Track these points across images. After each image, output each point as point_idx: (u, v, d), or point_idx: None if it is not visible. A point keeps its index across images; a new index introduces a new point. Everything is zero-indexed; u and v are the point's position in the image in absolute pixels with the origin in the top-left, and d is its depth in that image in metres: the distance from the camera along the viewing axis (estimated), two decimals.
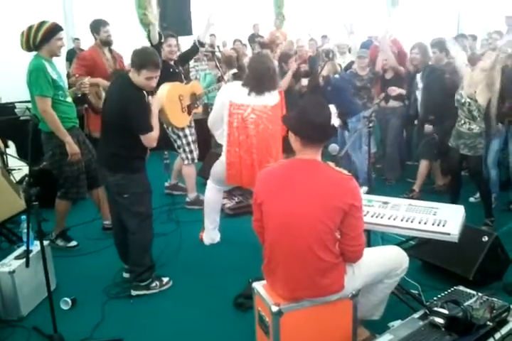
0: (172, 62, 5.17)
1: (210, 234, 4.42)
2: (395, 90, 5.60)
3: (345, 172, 2.48)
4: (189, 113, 5.16)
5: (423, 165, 5.42)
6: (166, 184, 5.76)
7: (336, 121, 2.34)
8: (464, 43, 6.07)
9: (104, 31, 5.22)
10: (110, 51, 5.37)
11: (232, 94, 3.99)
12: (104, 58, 5.27)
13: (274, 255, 2.55)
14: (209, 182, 4.39)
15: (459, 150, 4.56)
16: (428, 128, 5.25)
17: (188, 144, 5.18)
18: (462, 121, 4.49)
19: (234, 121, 3.95)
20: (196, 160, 5.28)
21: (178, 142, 5.18)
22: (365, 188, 5.49)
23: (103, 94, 4.83)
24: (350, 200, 2.37)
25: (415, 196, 5.20)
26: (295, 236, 2.42)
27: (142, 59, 3.30)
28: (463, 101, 4.42)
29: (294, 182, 2.44)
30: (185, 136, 5.16)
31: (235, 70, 6.00)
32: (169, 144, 5.27)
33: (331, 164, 2.51)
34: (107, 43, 5.26)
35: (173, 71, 5.10)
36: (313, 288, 2.47)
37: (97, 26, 5.24)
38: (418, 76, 5.52)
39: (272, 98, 3.95)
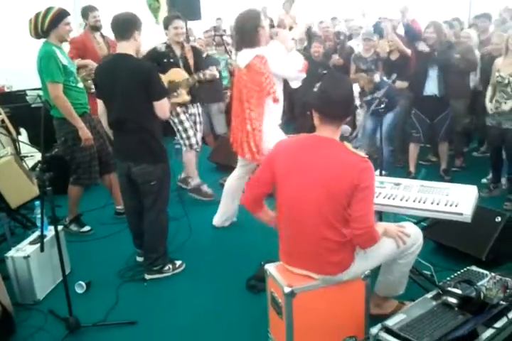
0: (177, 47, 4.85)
1: (221, 218, 4.43)
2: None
3: (361, 154, 2.45)
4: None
5: (445, 146, 5.38)
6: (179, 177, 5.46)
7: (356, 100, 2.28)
8: (485, 24, 5.97)
9: (92, 16, 5.40)
10: (103, 36, 5.49)
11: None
12: (95, 42, 5.39)
13: (285, 228, 2.59)
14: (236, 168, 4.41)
15: (500, 126, 4.53)
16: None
17: (185, 130, 4.93)
18: (503, 101, 4.45)
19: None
20: (196, 146, 5.01)
21: (175, 128, 5.00)
22: None
23: None
24: (355, 181, 2.34)
25: (448, 176, 5.27)
26: (304, 216, 2.44)
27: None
28: (506, 82, 4.40)
29: (306, 162, 2.44)
30: (181, 122, 4.92)
31: None
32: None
33: (348, 145, 2.47)
34: (95, 28, 5.41)
35: (167, 61, 4.78)
36: (318, 264, 2.49)
37: (85, 12, 5.44)
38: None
39: (247, 57, 3.86)
